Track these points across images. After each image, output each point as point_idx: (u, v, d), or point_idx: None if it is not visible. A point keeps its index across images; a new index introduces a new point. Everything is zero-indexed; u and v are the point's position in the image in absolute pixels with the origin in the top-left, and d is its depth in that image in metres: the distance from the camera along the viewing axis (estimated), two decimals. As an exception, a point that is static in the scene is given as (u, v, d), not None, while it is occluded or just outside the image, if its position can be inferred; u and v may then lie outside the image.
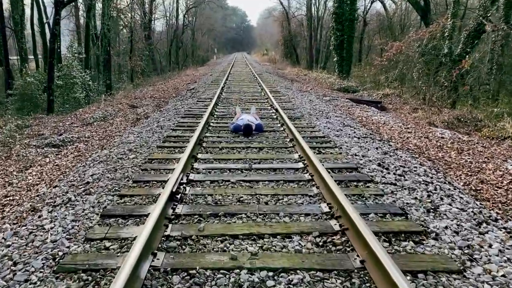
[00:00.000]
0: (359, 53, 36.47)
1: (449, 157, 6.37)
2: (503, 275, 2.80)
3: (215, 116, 8.70)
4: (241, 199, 4.00)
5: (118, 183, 4.52)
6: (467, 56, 13.34)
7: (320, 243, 3.18)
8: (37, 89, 19.84)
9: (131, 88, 21.51)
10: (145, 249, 2.83)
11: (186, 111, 9.38)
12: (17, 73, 25.30)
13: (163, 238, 3.20)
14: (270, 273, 2.77)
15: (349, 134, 7.10)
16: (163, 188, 4.13)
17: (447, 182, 4.87)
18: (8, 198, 5.08)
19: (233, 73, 21.22)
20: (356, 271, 2.83)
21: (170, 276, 2.74)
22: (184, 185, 4.26)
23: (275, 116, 8.66)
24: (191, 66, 38.15)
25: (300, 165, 5.16)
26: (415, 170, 5.19)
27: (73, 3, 26.51)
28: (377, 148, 6.20)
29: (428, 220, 3.64)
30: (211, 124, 7.77)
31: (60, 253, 3.01)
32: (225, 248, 3.08)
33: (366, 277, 2.77)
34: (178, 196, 3.92)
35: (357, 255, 2.97)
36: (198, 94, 12.67)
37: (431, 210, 3.88)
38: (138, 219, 3.59)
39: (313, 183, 4.51)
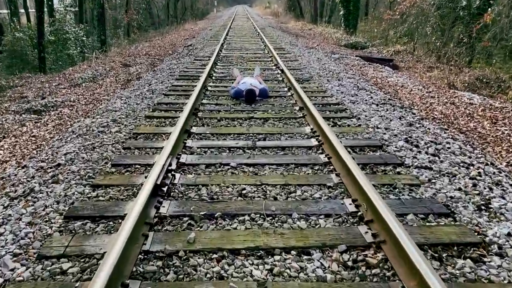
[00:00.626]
0: (365, 6, 34.57)
1: (482, 128, 5.48)
2: None
3: (213, 78, 7.73)
4: (243, 192, 3.16)
5: (94, 167, 3.67)
6: (489, 9, 12.10)
7: (349, 263, 2.36)
8: (27, 45, 18.64)
9: (126, 44, 20.27)
10: (112, 277, 2.02)
11: (181, 72, 8.39)
12: (9, 28, 23.92)
13: (140, 256, 2.39)
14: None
15: (366, 100, 6.18)
16: (146, 177, 3.29)
17: (489, 163, 4.01)
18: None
19: (234, 28, 19.89)
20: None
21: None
22: (173, 172, 3.41)
23: (281, 78, 7.68)
24: (190, 20, 36.37)
25: (314, 142, 4.29)
26: (448, 148, 4.32)
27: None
28: (400, 118, 5.31)
29: (483, 223, 2.82)
30: (209, 88, 6.82)
31: None
32: (222, 272, 2.27)
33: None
34: (165, 189, 3.08)
35: (402, 287, 2.16)
36: (196, 52, 11.60)
37: (483, 208, 3.05)
38: (111, 223, 2.77)
39: (331, 167, 3.66)
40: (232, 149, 4.11)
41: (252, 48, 12.09)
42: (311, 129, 4.68)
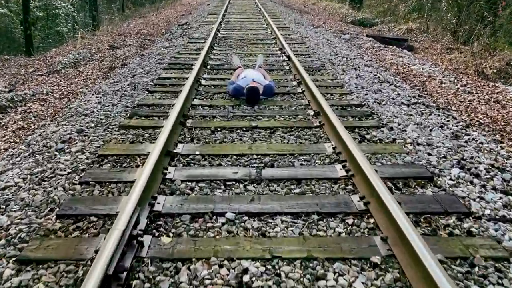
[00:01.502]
0: (370, -22, 32.60)
1: (544, 138, 4.30)
2: None
3: (208, 67, 6.48)
4: (245, 279, 2.02)
5: (31, 220, 2.52)
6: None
7: None
8: (12, 22, 17.19)
9: (119, 21, 18.78)
10: None
11: (172, 58, 7.13)
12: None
13: None
14: None
15: (393, 98, 4.99)
16: (96, 251, 2.13)
17: None
18: None
19: (233, 3, 18.35)
20: None
21: None
22: (139, 238, 2.25)
23: (287, 67, 6.45)
24: (189, -6, 34.44)
25: (339, 170, 3.14)
26: (518, 176, 3.16)
27: None
28: (441, 127, 4.14)
29: None
30: (203, 82, 5.60)
31: None
32: None
33: None
34: (123, 278, 1.94)
35: None
36: (191, 32, 10.26)
37: None
38: None
39: (372, 221, 2.51)
40: (228, 183, 2.95)
41: (254, 28, 10.74)
42: (333, 147, 3.51)
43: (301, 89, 5.23)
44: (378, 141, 3.73)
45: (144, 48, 9.45)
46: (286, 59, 6.87)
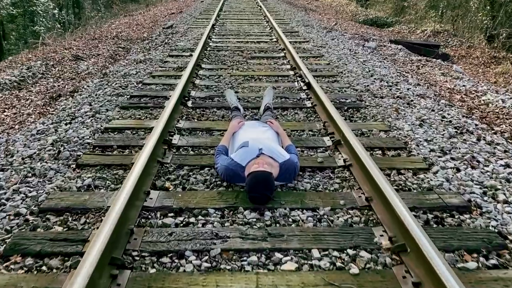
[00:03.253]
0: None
1: None
2: None
3: (189, 104, 4.15)
4: None
5: None
6: None
7: None
8: (-22, 22, 14.75)
9: (102, 20, 16.31)
10: None
11: (139, 85, 4.81)
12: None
13: None
14: None
15: (497, 171, 2.70)
16: None
17: None
18: None
19: (230, 0, 15.89)
20: None
21: None
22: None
23: (309, 104, 4.13)
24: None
25: None
26: None
27: None
28: None
29: None
30: (176, 141, 3.27)
31: None
32: None
33: None
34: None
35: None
36: (175, 38, 7.90)
37: None
38: None
39: None
40: None
41: (254, 33, 8.38)
42: None
43: (343, 158, 2.92)
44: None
45: (114, 60, 7.10)
46: (305, 88, 4.55)
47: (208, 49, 6.70)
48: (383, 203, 2.30)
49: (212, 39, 7.53)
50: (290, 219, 2.26)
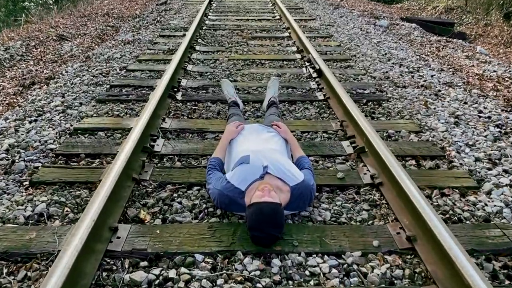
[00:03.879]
0: None
1: None
2: None
3: (179, 97, 3.46)
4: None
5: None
6: None
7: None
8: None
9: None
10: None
11: (122, 72, 4.12)
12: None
13: None
14: None
15: None
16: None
17: None
18: None
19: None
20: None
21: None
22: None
23: (320, 97, 3.45)
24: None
25: None
26: None
27: None
28: None
29: None
30: (159, 147, 2.60)
31: None
32: None
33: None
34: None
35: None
36: (168, 16, 7.12)
37: None
38: None
39: None
40: None
41: (255, 10, 7.58)
42: None
43: (370, 174, 2.27)
44: None
45: (101, 41, 6.36)
46: (315, 75, 3.85)
47: (204, 28, 5.94)
48: (432, 245, 1.67)
49: (209, 17, 6.76)
50: (307, 271, 1.62)
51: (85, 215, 1.71)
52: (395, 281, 1.59)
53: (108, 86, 3.66)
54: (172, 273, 1.59)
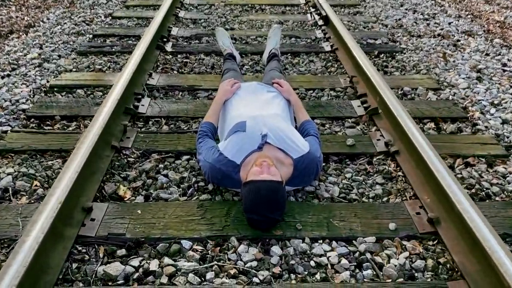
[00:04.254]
0: None
1: None
2: None
3: (169, 52, 3.08)
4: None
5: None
6: None
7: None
8: None
9: None
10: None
11: (106, 22, 3.70)
12: None
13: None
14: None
15: None
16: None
17: None
18: None
19: None
20: None
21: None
22: None
23: (327, 48, 3.07)
24: None
25: None
26: None
27: None
28: None
29: None
30: (149, 111, 2.29)
31: None
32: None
33: None
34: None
35: None
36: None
37: None
38: None
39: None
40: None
41: None
42: None
43: (385, 141, 1.98)
44: None
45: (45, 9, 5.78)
46: (321, 22, 3.44)
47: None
48: (460, 230, 1.41)
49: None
50: (312, 262, 1.37)
51: (51, 193, 1.44)
52: (415, 274, 1.35)
53: (90, 36, 3.27)
54: (154, 265, 1.35)
